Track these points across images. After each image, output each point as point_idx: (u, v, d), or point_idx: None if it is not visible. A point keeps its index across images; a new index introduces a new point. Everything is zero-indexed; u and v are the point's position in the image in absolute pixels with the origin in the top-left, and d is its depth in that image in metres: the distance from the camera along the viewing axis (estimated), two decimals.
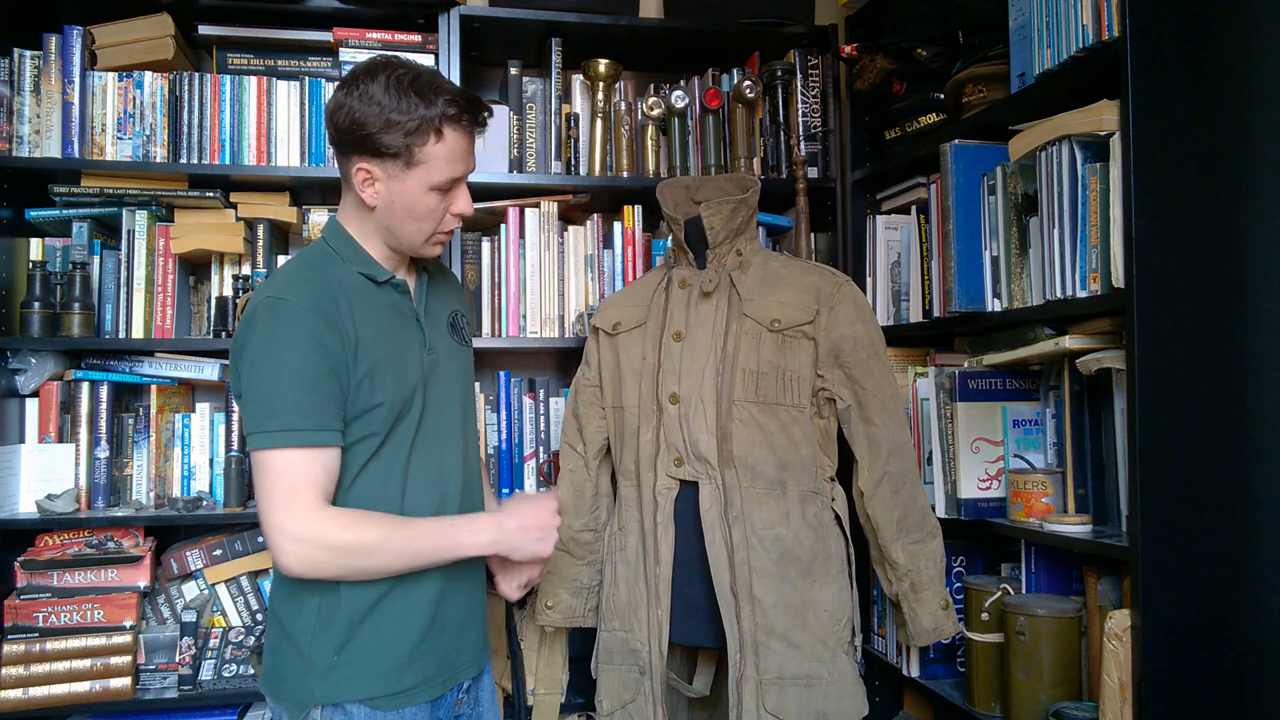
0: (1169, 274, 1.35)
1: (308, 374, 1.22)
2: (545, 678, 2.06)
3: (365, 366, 1.27)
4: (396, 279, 1.37)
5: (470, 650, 1.41)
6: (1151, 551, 1.33)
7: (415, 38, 2.11)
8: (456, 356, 1.45)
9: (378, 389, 1.28)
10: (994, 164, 1.70)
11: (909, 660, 1.93)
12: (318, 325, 1.23)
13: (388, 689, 1.28)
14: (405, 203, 1.30)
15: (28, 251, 2.05)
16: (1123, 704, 1.36)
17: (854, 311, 1.62)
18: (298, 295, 1.25)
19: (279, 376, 1.22)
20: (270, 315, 1.25)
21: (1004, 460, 1.74)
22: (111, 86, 2.01)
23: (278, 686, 1.31)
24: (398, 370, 1.31)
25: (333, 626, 1.27)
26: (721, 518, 1.55)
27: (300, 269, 1.32)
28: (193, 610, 1.99)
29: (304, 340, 1.23)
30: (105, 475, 2.01)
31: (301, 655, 1.28)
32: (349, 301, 1.29)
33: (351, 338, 1.26)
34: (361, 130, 1.25)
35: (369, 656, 1.28)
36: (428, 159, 1.27)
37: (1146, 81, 1.34)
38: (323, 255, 1.35)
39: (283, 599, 1.32)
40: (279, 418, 1.21)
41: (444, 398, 1.40)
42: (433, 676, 1.33)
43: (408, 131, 1.25)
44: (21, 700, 1.85)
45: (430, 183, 1.29)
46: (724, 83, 2.28)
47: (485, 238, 2.19)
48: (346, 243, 1.35)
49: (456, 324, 1.48)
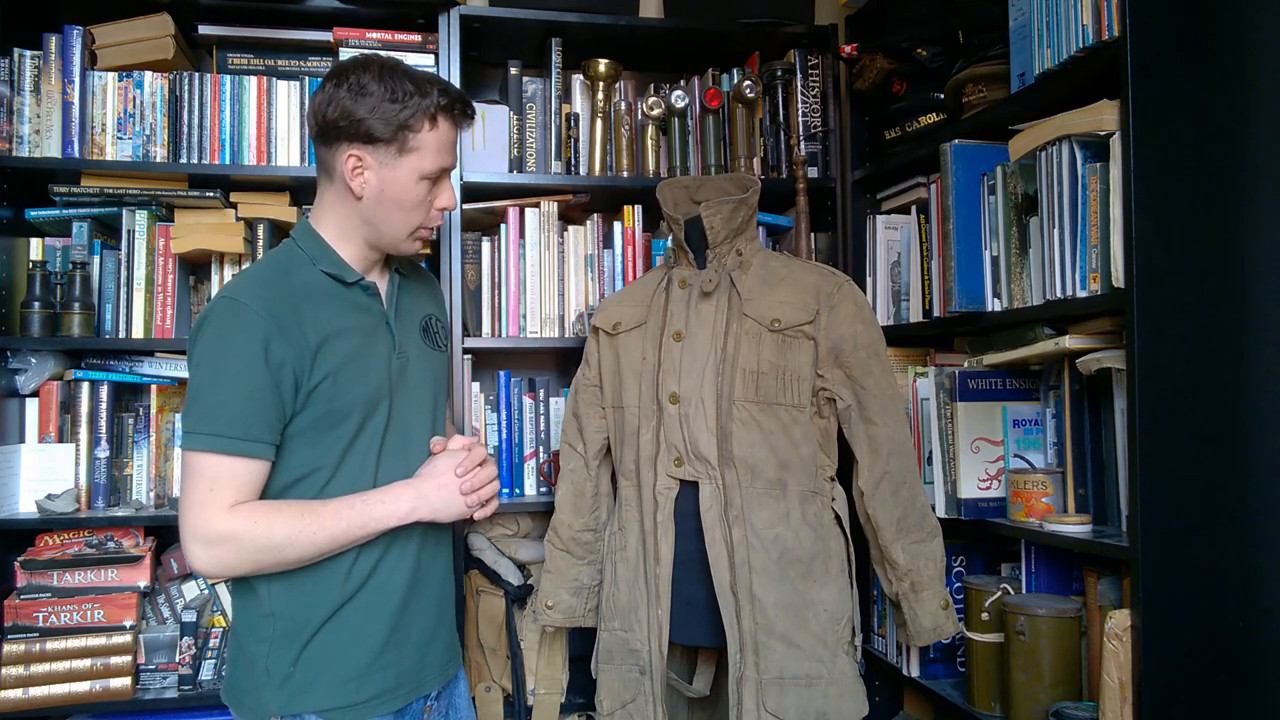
0: (1169, 274, 1.35)
1: (249, 382, 1.22)
2: (545, 678, 2.06)
3: (325, 369, 1.26)
4: (365, 281, 1.35)
5: (435, 664, 1.40)
6: (1151, 551, 1.33)
7: (415, 38, 2.11)
8: (428, 361, 1.44)
9: (340, 392, 1.27)
10: (994, 164, 1.70)
11: (909, 660, 1.93)
12: (270, 332, 1.22)
13: (344, 700, 1.28)
14: (395, 191, 1.30)
15: (28, 251, 2.05)
16: (1123, 704, 1.37)
17: (854, 311, 1.62)
18: (253, 299, 1.24)
19: (220, 381, 1.22)
20: (223, 317, 1.24)
21: (1004, 460, 1.74)
22: (111, 86, 2.01)
23: (237, 699, 1.30)
24: (361, 373, 1.30)
25: (288, 638, 1.27)
26: (721, 517, 1.55)
27: (263, 271, 1.32)
28: (193, 610, 1.99)
29: (252, 347, 1.22)
30: (105, 475, 2.01)
31: (258, 667, 1.27)
32: (311, 305, 1.27)
33: (310, 344, 1.25)
34: (353, 117, 1.26)
35: (325, 668, 1.27)
36: (421, 146, 1.29)
37: (1146, 81, 1.34)
38: (289, 257, 1.34)
39: (240, 610, 1.32)
40: (211, 421, 1.21)
41: (413, 403, 1.38)
42: (392, 689, 1.32)
43: (404, 117, 1.27)
44: (21, 700, 1.85)
45: (421, 170, 1.30)
46: (724, 83, 2.28)
47: (485, 238, 2.18)
48: (315, 243, 1.34)
49: (430, 328, 1.46)
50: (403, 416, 1.36)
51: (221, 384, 1.22)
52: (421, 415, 1.40)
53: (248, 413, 1.22)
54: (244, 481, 1.23)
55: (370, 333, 1.34)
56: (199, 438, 1.22)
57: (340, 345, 1.28)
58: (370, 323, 1.34)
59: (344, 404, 1.28)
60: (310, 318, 1.26)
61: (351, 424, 1.29)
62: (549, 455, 2.19)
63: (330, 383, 1.26)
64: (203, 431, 1.22)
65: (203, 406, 1.22)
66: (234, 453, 1.22)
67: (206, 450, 1.21)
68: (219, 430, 1.21)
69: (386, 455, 1.34)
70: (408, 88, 1.27)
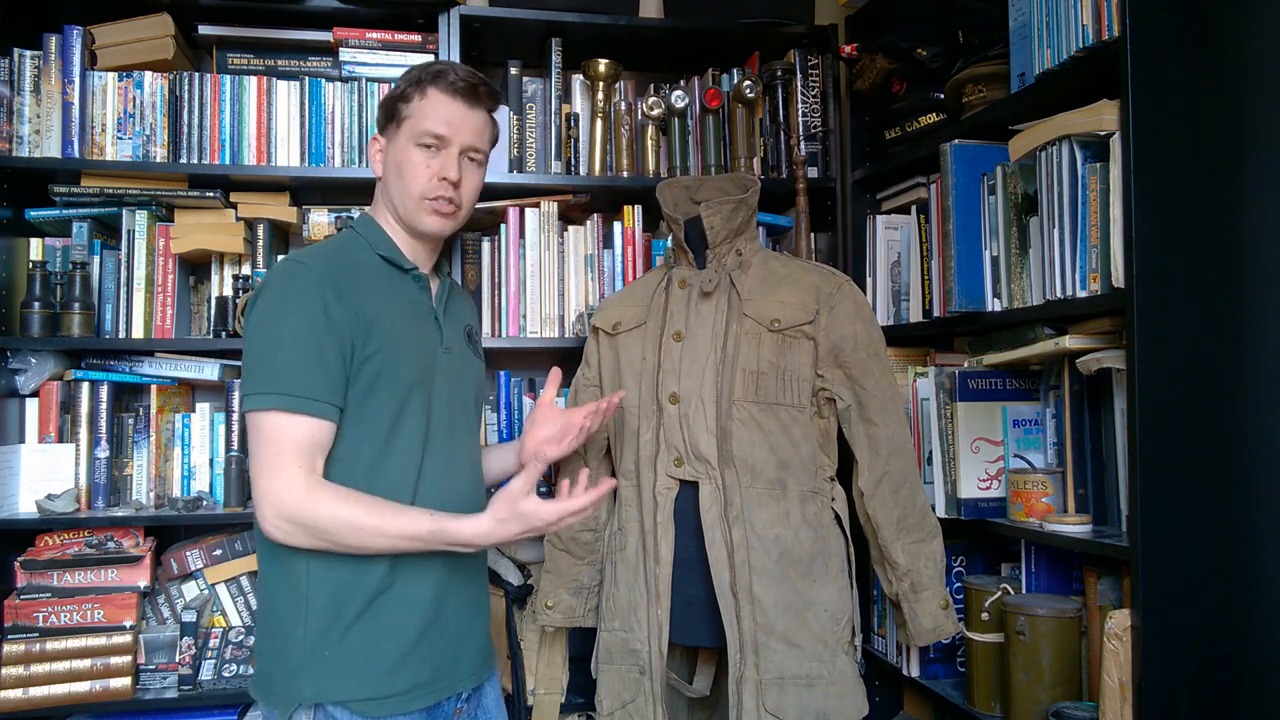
0: (1169, 274, 1.35)
1: (311, 341, 1.22)
2: (545, 678, 2.06)
3: (376, 344, 1.27)
4: (419, 272, 1.40)
5: (471, 659, 1.39)
6: (1151, 551, 1.33)
7: (415, 38, 2.11)
8: (471, 364, 1.48)
9: (386, 371, 1.27)
10: (994, 164, 1.70)
11: (909, 660, 1.93)
12: (329, 294, 1.24)
13: (378, 691, 1.26)
14: (397, 159, 1.37)
15: (28, 251, 2.05)
16: (1123, 704, 1.36)
17: (854, 311, 1.62)
18: (314, 260, 1.28)
19: (280, 339, 1.22)
20: (284, 278, 1.26)
21: (1004, 460, 1.74)
22: (111, 86, 2.01)
23: (267, 688, 1.29)
24: (408, 356, 1.31)
25: (326, 622, 1.26)
26: (721, 517, 1.55)
27: (322, 246, 1.37)
28: (193, 610, 1.99)
29: (312, 307, 1.23)
30: (105, 475, 2.01)
31: (295, 651, 1.26)
32: (368, 283, 1.30)
33: (365, 315, 1.27)
34: (379, 112, 1.42)
35: (363, 654, 1.26)
36: (412, 114, 1.37)
37: (1146, 81, 1.34)
38: (348, 239, 1.39)
39: (274, 595, 1.31)
40: (274, 380, 1.21)
41: (458, 400, 1.41)
42: (427, 682, 1.31)
43: (398, 92, 1.39)
44: (21, 700, 1.85)
45: (414, 135, 1.36)
46: (724, 83, 2.28)
47: (485, 238, 2.18)
48: (373, 229, 1.40)
49: (472, 337, 1.52)
50: (449, 410, 1.37)
51: (282, 342, 1.22)
52: (466, 413, 1.43)
53: (311, 371, 1.21)
54: (308, 444, 1.21)
55: (420, 320, 1.37)
56: (261, 398, 1.21)
57: (392, 325, 1.30)
58: (420, 312, 1.38)
59: (392, 381, 1.28)
60: (366, 293, 1.29)
61: (395, 404, 1.29)
62: None
63: (381, 357, 1.27)
64: (264, 391, 1.21)
65: (263, 366, 1.22)
66: (298, 410, 1.20)
67: (269, 409, 1.20)
68: (281, 389, 1.20)
69: (432, 445, 1.33)
70: (413, 72, 1.38)
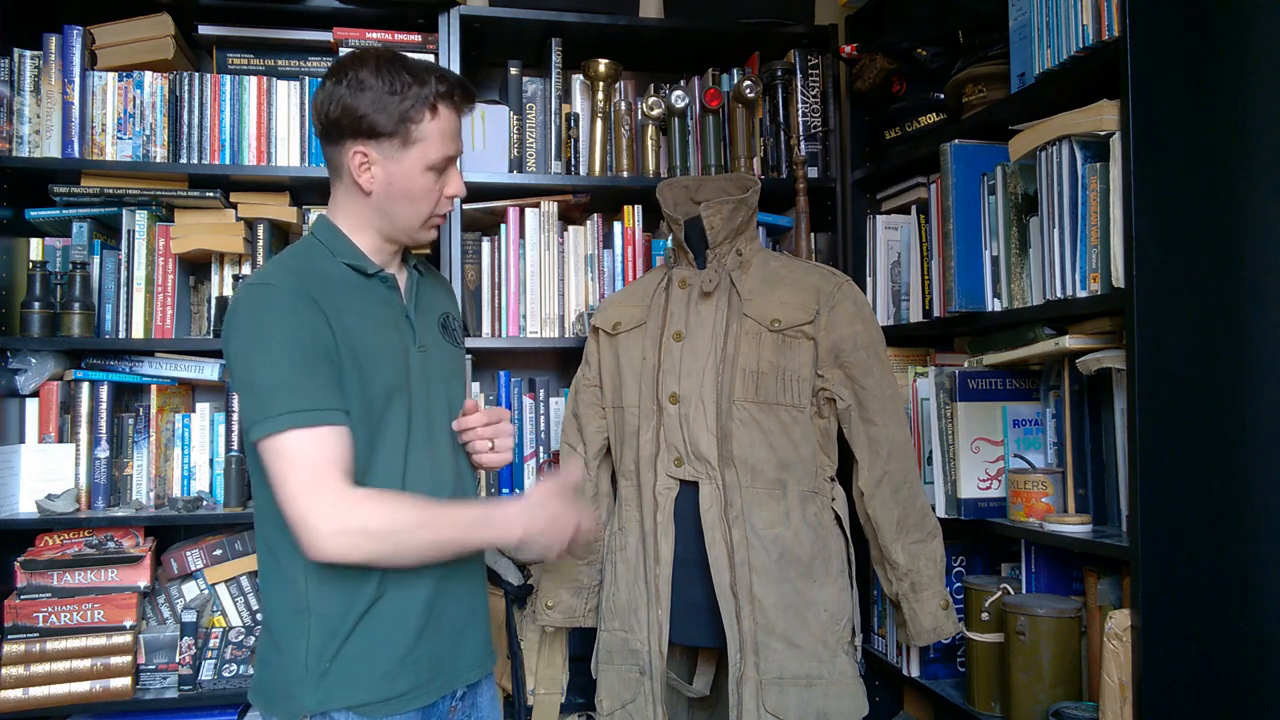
0: (1169, 274, 1.35)
1: (297, 357, 1.20)
2: (545, 678, 2.06)
3: (349, 356, 1.25)
4: (385, 273, 1.35)
5: (469, 654, 1.39)
6: (1151, 551, 1.33)
7: (415, 38, 2.11)
8: (448, 355, 1.44)
9: (365, 381, 1.26)
10: (994, 164, 1.70)
11: (909, 660, 1.93)
12: (302, 311, 1.22)
13: (380, 695, 1.27)
14: (403, 184, 1.30)
15: (28, 251, 2.05)
16: (1123, 704, 1.36)
17: (854, 311, 1.62)
18: (279, 279, 1.25)
19: (268, 363, 1.20)
20: (253, 302, 1.24)
21: (1004, 460, 1.74)
22: (111, 86, 2.01)
23: (269, 699, 1.29)
24: (384, 363, 1.29)
25: (326, 633, 1.26)
26: (721, 517, 1.55)
27: (284, 259, 1.32)
28: (193, 610, 1.99)
29: (288, 322, 1.21)
30: (105, 475, 2.01)
31: (296, 665, 1.26)
32: (334, 294, 1.27)
33: (336, 328, 1.25)
34: (356, 113, 1.26)
35: (361, 663, 1.27)
36: (424, 136, 1.29)
37: (1146, 81, 1.34)
38: (308, 249, 1.34)
39: (275, 608, 1.30)
40: (278, 402, 1.19)
41: (437, 396, 1.38)
42: (426, 682, 1.31)
43: (404, 109, 1.27)
44: (21, 700, 1.85)
45: (427, 161, 1.30)
46: (724, 83, 2.28)
47: (485, 238, 2.18)
48: (334, 236, 1.34)
49: (448, 325, 1.47)
50: (427, 409, 1.36)
51: (270, 366, 1.20)
52: (445, 408, 1.41)
53: (308, 384, 1.20)
54: (337, 451, 1.20)
55: (391, 324, 1.34)
56: (272, 420, 1.18)
57: (363, 334, 1.28)
58: (391, 315, 1.35)
59: (370, 392, 1.27)
60: (334, 307, 1.26)
61: (375, 414, 1.28)
62: (549, 455, 2.19)
63: (354, 368, 1.26)
64: (274, 413, 1.18)
65: (262, 393, 1.20)
66: (313, 424, 1.19)
67: (285, 429, 1.18)
68: (290, 407, 1.18)
69: (414, 446, 1.33)
70: (405, 79, 1.27)
